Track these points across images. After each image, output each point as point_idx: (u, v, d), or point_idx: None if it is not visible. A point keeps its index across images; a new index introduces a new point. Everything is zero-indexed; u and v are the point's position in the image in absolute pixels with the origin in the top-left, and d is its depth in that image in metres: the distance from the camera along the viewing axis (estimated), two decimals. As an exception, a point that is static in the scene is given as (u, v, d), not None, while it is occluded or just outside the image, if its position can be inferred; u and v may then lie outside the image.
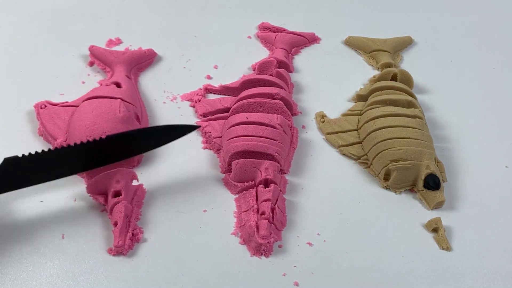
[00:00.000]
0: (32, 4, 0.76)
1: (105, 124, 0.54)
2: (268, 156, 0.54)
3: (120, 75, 0.63)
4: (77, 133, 0.54)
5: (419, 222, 0.52)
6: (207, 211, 0.52)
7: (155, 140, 0.53)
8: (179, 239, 0.49)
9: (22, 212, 0.50)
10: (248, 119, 0.56)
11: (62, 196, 0.52)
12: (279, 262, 0.48)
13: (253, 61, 0.68)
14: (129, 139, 0.52)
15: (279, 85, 0.62)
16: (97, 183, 0.51)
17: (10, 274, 0.46)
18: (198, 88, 0.64)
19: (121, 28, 0.73)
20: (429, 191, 0.53)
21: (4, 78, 0.64)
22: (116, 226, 0.48)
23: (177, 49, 0.70)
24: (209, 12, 0.77)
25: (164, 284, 0.46)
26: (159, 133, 0.53)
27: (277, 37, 0.71)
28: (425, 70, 0.69)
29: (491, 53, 0.73)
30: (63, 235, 0.49)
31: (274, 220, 0.50)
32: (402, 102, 0.60)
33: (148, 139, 0.53)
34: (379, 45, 0.71)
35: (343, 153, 0.58)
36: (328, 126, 0.60)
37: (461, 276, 0.48)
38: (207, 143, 0.58)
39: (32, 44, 0.70)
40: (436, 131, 0.61)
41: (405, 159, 0.54)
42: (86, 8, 0.76)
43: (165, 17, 0.75)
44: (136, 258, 0.47)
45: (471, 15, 0.80)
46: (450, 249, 0.50)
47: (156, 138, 0.53)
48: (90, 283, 0.45)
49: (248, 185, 0.53)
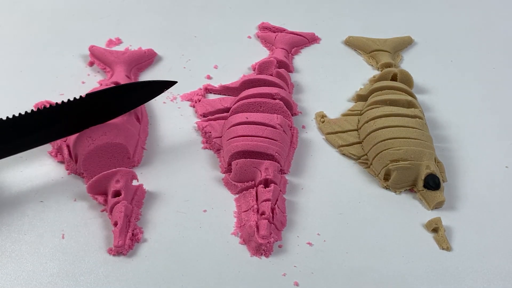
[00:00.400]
0: (32, 4, 0.76)
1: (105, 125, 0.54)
2: (268, 156, 0.54)
3: (120, 75, 0.63)
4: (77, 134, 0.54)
5: (419, 222, 0.52)
6: (207, 211, 0.52)
7: (135, 97, 0.54)
8: (179, 239, 0.49)
9: (22, 212, 0.50)
10: (248, 119, 0.56)
11: (62, 196, 0.52)
12: (279, 262, 0.48)
13: (253, 61, 0.68)
14: (108, 96, 0.52)
15: (279, 85, 0.62)
16: (97, 183, 0.51)
17: (10, 274, 0.46)
18: (198, 88, 0.64)
19: (121, 28, 0.73)
20: (429, 191, 0.53)
21: (4, 78, 0.65)
22: (116, 226, 0.48)
23: (177, 49, 0.70)
24: (209, 12, 0.77)
25: (164, 284, 0.46)
26: (137, 89, 0.54)
27: (277, 37, 0.71)
28: (425, 70, 0.69)
29: (491, 53, 0.73)
30: (63, 235, 0.49)
31: (274, 220, 0.50)
32: (402, 102, 0.60)
33: (127, 96, 0.53)
34: (379, 45, 0.71)
35: (343, 153, 0.58)
36: (328, 126, 0.60)
37: (461, 276, 0.48)
38: (207, 143, 0.58)
39: (32, 44, 0.70)
40: (436, 131, 0.61)
41: (405, 159, 0.54)
42: (86, 8, 0.76)
43: (165, 17, 0.75)
44: (136, 258, 0.47)
45: (471, 15, 0.80)
46: (450, 249, 0.50)
47: (135, 95, 0.54)
48: (90, 283, 0.45)
49: (248, 185, 0.53)
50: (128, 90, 0.54)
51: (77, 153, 0.53)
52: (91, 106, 0.52)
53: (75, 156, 0.53)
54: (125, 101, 0.54)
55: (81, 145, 0.52)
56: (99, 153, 0.52)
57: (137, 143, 0.56)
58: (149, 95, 0.55)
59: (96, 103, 0.52)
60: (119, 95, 0.53)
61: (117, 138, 0.53)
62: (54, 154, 0.55)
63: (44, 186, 0.53)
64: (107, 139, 0.52)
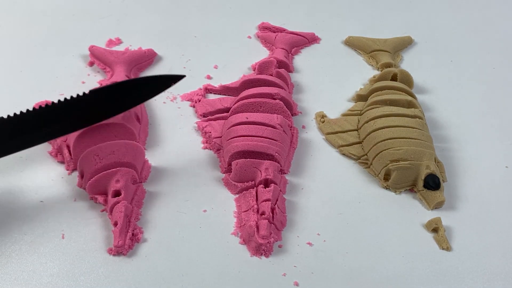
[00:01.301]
0: (32, 4, 0.76)
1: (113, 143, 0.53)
2: (268, 156, 0.54)
3: (120, 75, 0.63)
4: (77, 134, 0.53)
5: (419, 222, 0.52)
6: (207, 211, 0.52)
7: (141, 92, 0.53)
8: (179, 239, 0.49)
9: (22, 212, 0.50)
10: (248, 119, 0.56)
11: (62, 196, 0.52)
12: (279, 262, 0.48)
13: (253, 61, 0.68)
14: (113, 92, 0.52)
15: (279, 85, 0.62)
16: (97, 183, 0.51)
17: (10, 274, 0.46)
18: (198, 88, 0.64)
19: (121, 28, 0.73)
20: (429, 191, 0.53)
21: (4, 78, 0.64)
22: (116, 226, 0.48)
23: (177, 49, 0.70)
24: (209, 12, 0.77)
25: (164, 284, 0.46)
26: (143, 85, 0.53)
27: (277, 37, 0.71)
28: (425, 70, 0.69)
29: (491, 53, 0.73)
30: (63, 235, 0.49)
31: (274, 220, 0.50)
32: (402, 102, 0.60)
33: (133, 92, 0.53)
34: (379, 45, 0.71)
35: (343, 153, 0.58)
36: (328, 126, 0.60)
37: (461, 276, 0.48)
38: (207, 143, 0.58)
39: (32, 44, 0.70)
40: (436, 131, 0.61)
41: (405, 159, 0.54)
42: (86, 8, 0.76)
43: (165, 17, 0.75)
44: (136, 258, 0.47)
45: (471, 15, 0.80)
46: (450, 249, 0.50)
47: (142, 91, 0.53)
48: (90, 283, 0.45)
49: (248, 185, 0.53)
50: (135, 85, 0.53)
51: (83, 170, 0.52)
52: (96, 102, 0.51)
53: (81, 172, 0.52)
54: (132, 97, 0.53)
55: (88, 162, 0.51)
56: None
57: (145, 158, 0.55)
58: (156, 90, 0.54)
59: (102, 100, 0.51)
60: (127, 90, 0.52)
61: (125, 157, 0.52)
62: (54, 154, 0.55)
63: (44, 186, 0.53)
64: (115, 158, 0.51)
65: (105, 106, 0.52)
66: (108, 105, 0.52)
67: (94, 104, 0.51)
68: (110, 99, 0.52)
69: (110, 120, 0.54)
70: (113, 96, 0.52)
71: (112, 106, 0.53)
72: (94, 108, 0.52)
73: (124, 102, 0.53)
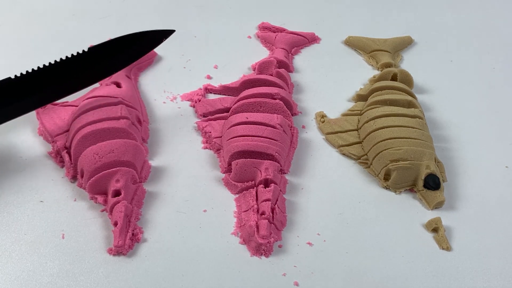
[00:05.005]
0: (32, 4, 0.76)
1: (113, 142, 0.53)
2: (268, 156, 0.54)
3: (120, 75, 0.62)
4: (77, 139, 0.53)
5: (419, 222, 0.52)
6: (207, 211, 0.52)
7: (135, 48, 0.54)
8: (179, 239, 0.49)
9: (22, 212, 0.50)
10: (248, 119, 0.56)
11: (62, 196, 0.52)
12: (279, 262, 0.48)
13: (253, 61, 0.68)
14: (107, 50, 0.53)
15: (279, 85, 0.62)
16: (97, 183, 0.51)
17: (10, 274, 0.46)
18: (198, 88, 0.64)
19: (121, 28, 0.73)
20: (429, 191, 0.53)
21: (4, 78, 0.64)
22: (116, 226, 0.48)
23: (177, 49, 0.70)
24: (209, 12, 0.77)
25: (164, 284, 0.46)
26: (135, 40, 0.54)
27: (277, 37, 0.71)
28: (425, 70, 0.69)
29: (491, 53, 0.73)
30: (63, 235, 0.49)
31: (274, 220, 0.50)
32: (402, 102, 0.60)
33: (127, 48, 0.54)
34: (379, 45, 0.71)
35: (343, 153, 0.58)
36: (328, 126, 0.60)
37: (461, 276, 0.48)
38: (207, 143, 0.58)
39: (32, 44, 0.70)
40: (436, 131, 0.61)
41: (405, 159, 0.54)
42: (86, 8, 0.76)
43: (165, 17, 0.75)
44: (136, 258, 0.47)
45: (471, 15, 0.80)
46: (450, 249, 0.50)
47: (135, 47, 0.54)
48: (90, 283, 0.45)
49: (248, 185, 0.53)
50: (127, 42, 0.53)
51: (82, 169, 0.52)
52: (90, 62, 0.51)
53: (81, 171, 0.52)
54: (126, 54, 0.54)
55: (88, 161, 0.51)
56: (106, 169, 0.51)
57: (145, 158, 0.55)
58: (149, 46, 0.55)
59: (95, 58, 0.52)
60: (119, 47, 0.53)
61: (125, 156, 0.52)
62: (54, 155, 0.55)
63: (44, 186, 0.53)
64: (115, 157, 0.51)
65: (100, 64, 0.53)
66: (104, 63, 0.53)
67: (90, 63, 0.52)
68: (106, 56, 0.53)
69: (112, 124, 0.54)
70: (108, 53, 0.53)
71: (108, 64, 0.53)
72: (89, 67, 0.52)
73: (119, 59, 0.54)
